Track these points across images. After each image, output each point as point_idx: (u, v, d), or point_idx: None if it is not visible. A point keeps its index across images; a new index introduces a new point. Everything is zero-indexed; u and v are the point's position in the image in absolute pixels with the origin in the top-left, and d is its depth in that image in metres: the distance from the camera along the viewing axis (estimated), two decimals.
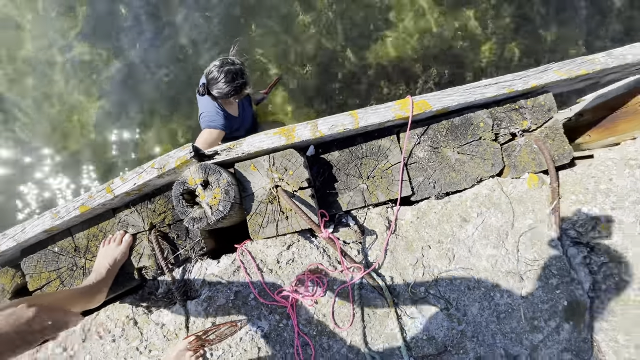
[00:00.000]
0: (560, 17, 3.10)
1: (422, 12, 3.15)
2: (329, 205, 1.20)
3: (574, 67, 1.13)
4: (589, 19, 3.09)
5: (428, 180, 1.20)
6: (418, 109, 1.10)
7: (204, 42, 3.06)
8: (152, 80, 3.03)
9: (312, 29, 3.12)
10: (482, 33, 3.12)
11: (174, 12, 3.08)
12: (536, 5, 3.10)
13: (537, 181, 1.18)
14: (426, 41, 3.12)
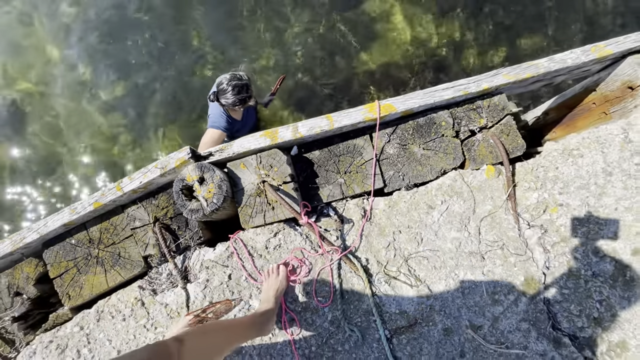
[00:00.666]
0: (535, 24, 3.28)
1: (411, 19, 3.35)
2: (311, 197, 1.36)
3: (520, 71, 1.29)
4: (562, 24, 3.27)
5: (398, 174, 1.36)
6: (384, 110, 1.27)
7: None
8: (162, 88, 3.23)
9: (303, 36, 3.33)
10: (465, 40, 3.30)
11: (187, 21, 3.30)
12: (514, 13, 3.29)
13: (493, 171, 1.33)
14: (414, 48, 3.31)
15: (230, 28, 3.32)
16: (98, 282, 1.27)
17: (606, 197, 1.27)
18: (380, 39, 3.32)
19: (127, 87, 3.26)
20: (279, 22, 3.32)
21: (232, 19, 3.32)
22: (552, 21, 3.28)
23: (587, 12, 3.27)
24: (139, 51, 3.28)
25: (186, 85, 3.25)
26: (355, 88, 3.28)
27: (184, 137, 3.19)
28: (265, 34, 3.31)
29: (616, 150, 1.27)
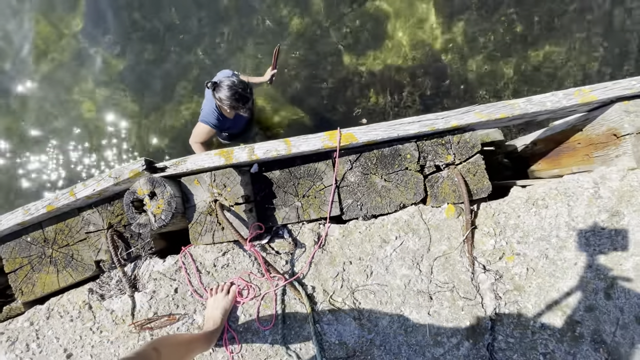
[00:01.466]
0: (552, 36, 3.08)
1: (418, 23, 3.19)
2: (266, 218, 1.35)
3: (494, 111, 1.22)
4: (583, 40, 3.07)
5: (356, 203, 1.33)
6: (345, 140, 1.23)
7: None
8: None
9: (307, 32, 3.21)
10: (471, 47, 3.14)
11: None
12: (528, 23, 3.09)
13: (453, 211, 1.29)
14: (417, 52, 3.18)
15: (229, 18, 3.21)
16: (50, 282, 1.31)
17: (567, 251, 1.23)
18: (385, 40, 3.18)
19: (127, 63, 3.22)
20: (282, 15, 3.19)
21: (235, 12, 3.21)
22: (571, 36, 3.07)
23: (613, 28, 3.06)
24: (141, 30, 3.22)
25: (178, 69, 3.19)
26: (354, 89, 3.18)
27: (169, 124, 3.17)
28: (266, 25, 3.20)
29: (583, 205, 1.21)
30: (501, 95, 3.09)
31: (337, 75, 3.19)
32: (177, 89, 3.17)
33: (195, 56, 3.18)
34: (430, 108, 3.11)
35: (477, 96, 3.11)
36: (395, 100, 3.15)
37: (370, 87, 3.17)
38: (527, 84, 3.11)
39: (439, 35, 3.19)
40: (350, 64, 3.19)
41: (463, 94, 3.12)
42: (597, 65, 3.06)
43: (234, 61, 3.18)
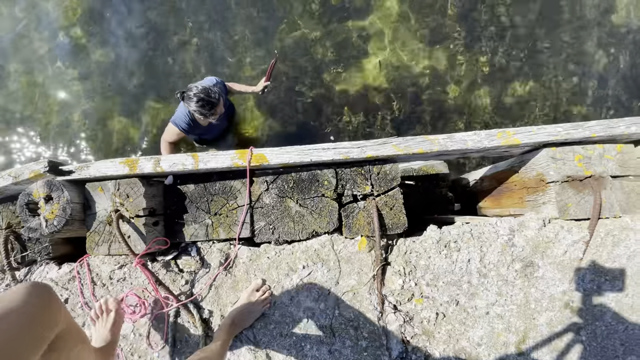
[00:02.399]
0: (535, 71, 3.07)
1: (400, 46, 3.19)
2: (174, 233, 1.29)
3: (413, 144, 1.17)
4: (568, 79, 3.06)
5: (269, 226, 1.27)
6: (255, 160, 1.18)
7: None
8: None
9: (291, 46, 3.21)
10: (450, 75, 3.13)
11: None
12: (507, 58, 3.08)
13: (366, 245, 1.23)
14: (395, 74, 3.17)
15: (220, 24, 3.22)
16: None
17: (478, 299, 1.16)
18: (365, 59, 3.18)
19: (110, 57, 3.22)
20: (268, 26, 3.20)
21: (225, 18, 3.22)
22: (547, 73, 3.06)
23: (591, 68, 3.05)
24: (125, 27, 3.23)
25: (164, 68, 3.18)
26: (330, 106, 3.16)
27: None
28: (251, 35, 3.20)
29: (496, 252, 1.14)
30: (474, 125, 3.06)
31: (314, 90, 3.17)
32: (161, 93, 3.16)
33: (175, 65, 3.18)
34: (404, 132, 3.08)
35: (450, 123, 3.08)
36: (368, 121, 3.12)
37: (345, 105, 3.15)
38: (501, 116, 3.08)
39: (420, 60, 3.19)
40: (329, 80, 3.18)
41: (436, 120, 3.10)
42: (573, 106, 3.03)
43: (220, 69, 3.17)
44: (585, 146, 1.23)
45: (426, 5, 3.15)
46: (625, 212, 1.20)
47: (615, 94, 3.04)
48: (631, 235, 1.15)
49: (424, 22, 3.16)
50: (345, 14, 3.18)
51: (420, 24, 3.17)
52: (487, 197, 1.77)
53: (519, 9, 3.10)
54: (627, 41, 3.05)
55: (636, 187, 1.23)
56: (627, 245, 1.14)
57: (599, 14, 3.08)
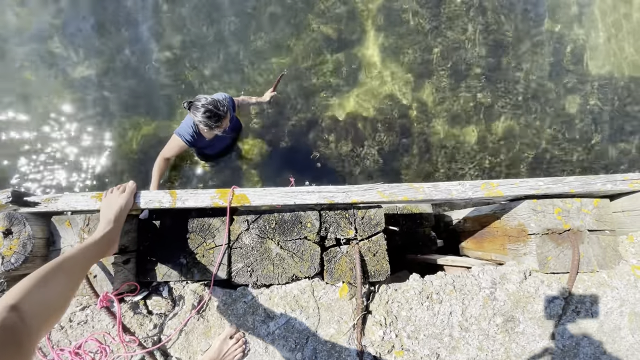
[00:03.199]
0: (513, 113, 3.20)
1: (390, 77, 3.27)
2: (146, 271, 1.21)
3: (398, 192, 1.16)
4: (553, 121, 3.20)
5: (247, 268, 1.22)
6: (237, 201, 1.14)
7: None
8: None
9: (285, 69, 3.23)
10: (437, 110, 3.22)
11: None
12: (493, 97, 3.21)
13: (347, 292, 1.19)
14: (384, 105, 3.23)
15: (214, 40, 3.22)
16: None
17: (459, 354, 1.13)
18: (355, 88, 3.23)
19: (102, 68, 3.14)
20: (263, 51, 3.23)
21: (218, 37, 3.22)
22: (529, 116, 3.20)
23: (569, 115, 3.20)
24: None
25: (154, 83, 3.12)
26: (317, 131, 3.17)
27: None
28: (247, 53, 3.22)
29: (478, 306, 1.13)
30: (457, 159, 3.13)
31: (303, 115, 3.18)
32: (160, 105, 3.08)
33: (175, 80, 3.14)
34: (389, 163, 3.12)
35: (435, 157, 3.14)
36: (356, 151, 3.14)
37: (332, 132, 3.16)
38: (484, 152, 3.17)
39: (408, 92, 3.27)
40: (319, 106, 3.20)
41: (423, 153, 3.15)
42: (549, 145, 3.17)
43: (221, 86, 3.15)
44: (565, 199, 1.26)
45: (415, 41, 3.27)
46: (601, 267, 1.22)
47: (585, 135, 3.19)
48: (608, 292, 1.16)
49: (413, 57, 3.27)
50: (336, 44, 3.26)
51: (408, 59, 3.28)
52: (470, 238, 1.78)
53: (499, 52, 3.26)
54: (595, 87, 3.25)
55: (612, 242, 1.25)
56: (604, 302, 1.15)
57: (572, 62, 3.28)
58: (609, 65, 3.31)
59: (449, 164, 3.12)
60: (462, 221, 1.87)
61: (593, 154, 3.19)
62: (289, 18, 3.27)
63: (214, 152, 2.84)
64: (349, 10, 3.32)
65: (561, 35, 3.33)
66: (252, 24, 3.23)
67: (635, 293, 1.17)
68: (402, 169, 3.11)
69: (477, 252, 1.69)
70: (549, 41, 3.30)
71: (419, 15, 3.31)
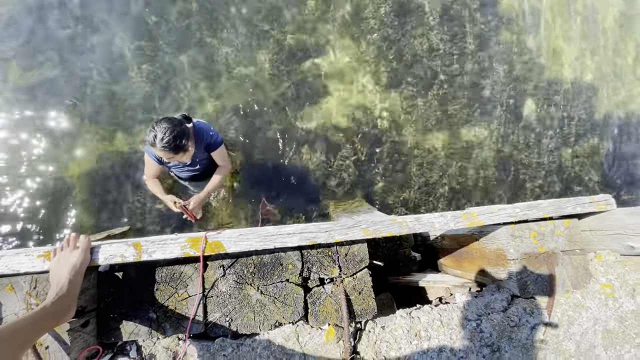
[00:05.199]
0: (481, 118, 3.32)
1: (358, 87, 3.25)
2: (109, 331, 1.08)
3: (382, 228, 1.13)
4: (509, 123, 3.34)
5: (225, 317, 1.12)
6: (210, 249, 1.04)
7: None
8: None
9: (250, 80, 3.11)
10: (407, 118, 3.26)
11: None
12: (458, 104, 3.31)
13: (334, 335, 1.14)
14: (355, 115, 3.20)
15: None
16: None
17: None
18: (324, 98, 3.18)
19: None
20: (230, 52, 3.08)
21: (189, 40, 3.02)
22: (499, 119, 3.34)
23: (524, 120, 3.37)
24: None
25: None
26: (290, 143, 3.08)
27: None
28: (215, 63, 3.05)
29: (466, 340, 1.12)
30: (430, 166, 3.19)
31: (274, 126, 3.09)
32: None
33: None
34: (363, 173, 3.11)
35: (407, 166, 3.18)
36: (329, 162, 3.10)
37: (305, 143, 3.09)
38: (454, 158, 3.25)
39: (377, 102, 3.27)
40: (290, 117, 3.12)
41: (396, 162, 3.17)
42: (516, 151, 3.32)
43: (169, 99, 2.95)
44: (539, 223, 1.29)
45: (382, 51, 3.28)
46: (575, 287, 1.27)
47: (542, 138, 3.39)
48: (583, 313, 1.21)
49: (381, 67, 3.28)
50: (307, 53, 3.19)
51: (378, 68, 3.28)
52: (448, 255, 1.79)
53: (463, 59, 3.36)
54: (554, 94, 3.46)
55: (582, 262, 1.30)
56: (580, 323, 1.20)
57: (528, 72, 3.46)
58: (566, 70, 3.53)
59: (419, 171, 3.17)
60: (440, 238, 1.89)
61: (549, 156, 3.39)
62: (253, 27, 3.15)
63: (187, 176, 2.54)
64: (315, 19, 3.26)
65: (516, 43, 3.49)
66: (217, 31, 3.08)
67: (606, 311, 1.23)
68: (377, 179, 3.11)
69: (455, 271, 1.71)
70: (507, 50, 3.46)
71: (385, 25, 3.33)
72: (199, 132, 2.05)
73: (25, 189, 2.67)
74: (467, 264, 1.59)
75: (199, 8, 3.11)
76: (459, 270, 1.68)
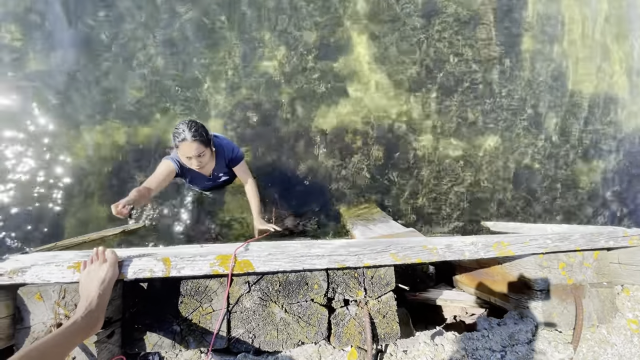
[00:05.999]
0: (500, 127, 3.26)
1: (376, 90, 3.20)
2: (133, 341, 1.08)
3: (411, 254, 1.11)
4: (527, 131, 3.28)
5: (249, 334, 1.12)
6: (239, 268, 1.03)
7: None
8: None
9: (268, 77, 3.06)
10: (424, 124, 3.20)
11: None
12: (480, 112, 3.24)
13: (356, 357, 1.13)
14: (372, 118, 3.16)
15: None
16: None
17: None
18: (342, 99, 3.14)
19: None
20: (248, 48, 3.03)
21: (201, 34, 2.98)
22: (519, 129, 3.27)
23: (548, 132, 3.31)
24: None
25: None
26: (304, 143, 3.05)
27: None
28: (232, 58, 3.01)
29: None
30: (445, 174, 3.15)
31: (289, 125, 3.06)
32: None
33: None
34: (378, 178, 3.08)
35: (423, 173, 3.14)
36: (344, 164, 3.07)
37: (320, 145, 3.07)
38: (470, 167, 3.21)
39: (395, 106, 3.22)
40: (304, 117, 3.09)
41: (411, 168, 3.14)
42: (532, 161, 3.27)
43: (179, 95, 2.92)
44: (568, 253, 1.27)
45: (404, 53, 3.21)
46: (601, 321, 1.25)
47: (563, 151, 3.33)
48: (608, 349, 1.19)
49: (403, 68, 3.21)
50: (324, 53, 3.13)
51: (398, 70, 3.22)
52: (465, 273, 1.78)
53: (487, 66, 3.28)
54: (577, 106, 3.38)
55: (609, 295, 1.28)
56: (604, 359, 1.18)
57: (553, 81, 3.38)
58: (590, 81, 3.44)
59: (434, 179, 3.14)
60: None
61: (568, 170, 3.34)
62: (272, 24, 3.09)
63: (201, 189, 2.56)
64: (336, 17, 3.19)
65: (540, 52, 3.40)
66: (234, 26, 3.02)
67: (631, 348, 1.21)
68: (391, 184, 3.08)
69: (472, 289, 1.70)
70: (532, 58, 3.37)
71: (408, 26, 3.24)
72: (220, 146, 2.03)
73: (45, 176, 2.68)
74: (486, 286, 1.58)
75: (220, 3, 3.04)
76: (476, 289, 1.67)
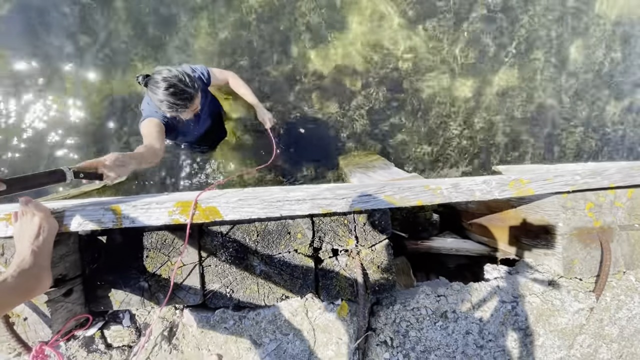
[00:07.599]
0: (518, 63, 2.89)
1: (379, 20, 2.81)
2: (97, 299, 0.97)
3: (411, 196, 0.93)
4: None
5: (226, 288, 1.00)
6: (204, 217, 0.87)
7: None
8: None
9: (256, 13, 2.70)
10: (432, 60, 2.85)
11: None
12: (495, 44, 2.86)
13: (347, 311, 1.01)
14: (374, 55, 2.81)
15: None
16: None
17: None
18: (340, 34, 2.77)
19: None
20: None
21: None
22: (538, 62, 2.91)
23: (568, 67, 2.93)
24: None
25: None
26: (299, 88, 2.77)
27: None
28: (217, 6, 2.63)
29: (497, 323, 0.99)
30: (453, 119, 2.88)
31: (281, 68, 2.75)
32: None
33: None
34: (379, 124, 2.82)
35: (429, 117, 2.87)
36: (342, 109, 2.80)
37: (315, 90, 2.78)
38: (481, 108, 2.92)
39: (400, 40, 2.85)
40: (299, 57, 2.76)
41: (417, 111, 2.86)
42: (549, 99, 2.95)
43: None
44: (597, 192, 1.07)
45: None
46: (628, 267, 1.09)
47: (593, 90, 2.99)
48: (635, 297, 1.05)
49: None
50: None
51: None
52: (474, 220, 1.62)
53: None
54: (608, 35, 2.95)
55: None
56: (629, 307, 1.04)
57: (582, 4, 2.91)
58: (625, 6, 2.97)
59: (441, 122, 2.87)
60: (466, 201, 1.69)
61: (593, 109, 3.01)
62: None
63: (195, 138, 2.21)
64: None
65: None
66: None
67: None
68: (393, 130, 2.84)
69: (481, 237, 1.55)
70: None
71: None
72: (190, 73, 1.75)
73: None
74: (498, 232, 1.42)
75: None
76: (485, 237, 1.52)
